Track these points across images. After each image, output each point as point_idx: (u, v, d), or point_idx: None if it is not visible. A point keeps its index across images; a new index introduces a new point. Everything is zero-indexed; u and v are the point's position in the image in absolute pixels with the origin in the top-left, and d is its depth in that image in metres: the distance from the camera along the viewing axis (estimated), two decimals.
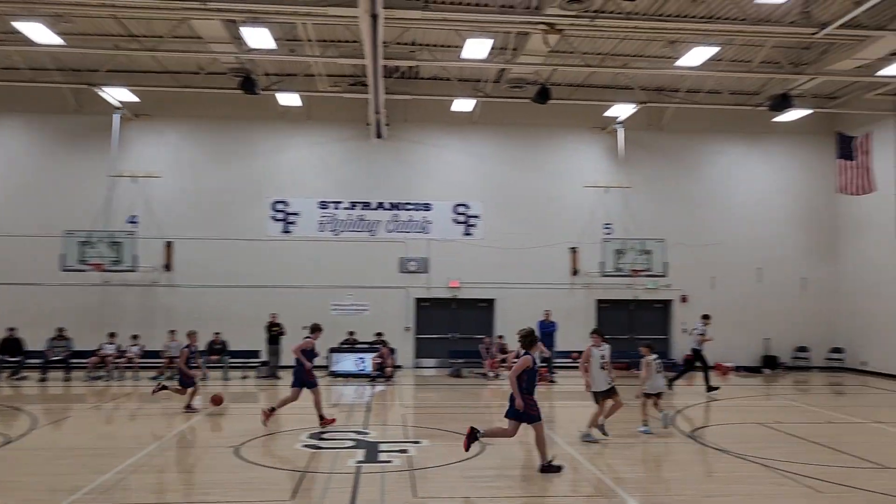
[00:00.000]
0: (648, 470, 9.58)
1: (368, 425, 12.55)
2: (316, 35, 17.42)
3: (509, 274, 22.56)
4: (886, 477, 9.30)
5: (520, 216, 22.83)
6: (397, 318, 22.24)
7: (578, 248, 22.79)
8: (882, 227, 21.17)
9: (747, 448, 10.59)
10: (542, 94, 19.00)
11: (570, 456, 10.12)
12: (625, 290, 22.74)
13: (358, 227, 22.51)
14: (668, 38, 17.21)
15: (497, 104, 21.61)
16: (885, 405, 16.41)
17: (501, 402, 16.23)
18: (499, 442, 10.18)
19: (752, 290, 23.07)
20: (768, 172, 23.70)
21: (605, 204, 22.99)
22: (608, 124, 22.72)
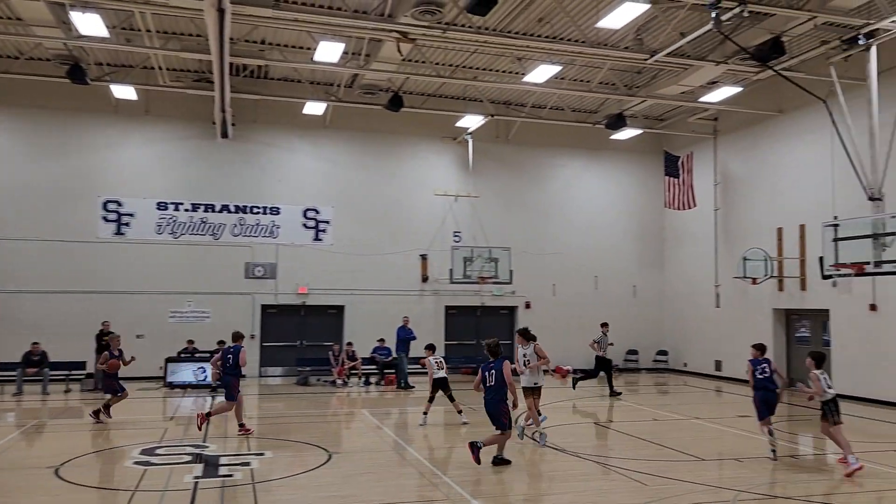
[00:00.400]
0: (492, 472, 9.85)
1: (208, 438, 11.95)
2: (156, 26, 16.44)
3: (359, 280, 22.45)
4: (703, 468, 10.17)
5: (371, 222, 22.80)
6: (242, 326, 21.24)
7: (428, 255, 23.12)
8: (702, 239, 23.25)
9: (582, 447, 11.20)
10: (394, 102, 19.13)
11: (417, 459, 10.20)
12: (472, 297, 23.35)
13: (200, 230, 21.44)
14: (516, 55, 17.93)
15: (349, 109, 21.47)
16: (702, 402, 18.00)
17: (350, 409, 16.12)
18: (371, 449, 10.06)
19: (589, 297, 24.50)
20: (605, 186, 25.31)
21: (455, 212, 23.51)
22: (459, 134, 23.28)
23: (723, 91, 18.82)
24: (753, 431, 13.05)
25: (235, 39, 16.76)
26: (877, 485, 9.29)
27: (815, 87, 15.88)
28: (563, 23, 16.15)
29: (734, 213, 21.95)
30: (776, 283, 19.84)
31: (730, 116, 21.66)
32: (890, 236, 13.23)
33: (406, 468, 9.98)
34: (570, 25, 16.02)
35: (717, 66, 16.53)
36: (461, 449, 11.34)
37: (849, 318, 17.54)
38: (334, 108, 21.55)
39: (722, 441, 12.57)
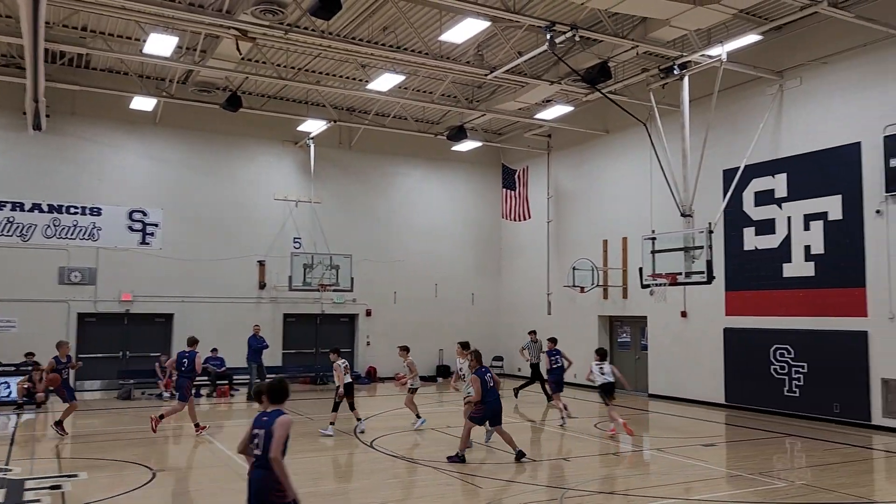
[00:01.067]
0: (335, 481, 9.68)
1: (11, 461, 10.76)
2: None
3: (192, 287, 21.27)
4: (535, 469, 10.62)
5: (205, 226, 21.70)
6: (55, 336, 19.35)
7: (266, 261, 22.40)
8: (536, 250, 24.40)
9: (421, 454, 11.31)
10: (232, 102, 18.39)
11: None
12: (312, 305, 22.92)
13: (6, 230, 19.30)
14: (360, 61, 17.88)
15: (183, 106, 20.34)
16: (536, 406, 18.82)
17: (178, 423, 15.15)
18: (202, 464, 9.42)
19: (429, 304, 24.89)
20: (446, 196, 25.87)
21: (295, 218, 22.97)
22: (300, 139, 22.80)
23: (556, 109, 19.92)
24: (580, 432, 13.85)
25: (52, 23, 15.35)
26: (685, 476, 10.17)
27: (637, 111, 17.22)
28: (407, 33, 16.34)
29: (565, 225, 23.26)
30: (601, 292, 21.25)
31: (562, 133, 22.96)
32: (698, 250, 14.59)
33: (238, 483, 9.54)
34: (413, 37, 16.24)
35: (551, 85, 17.47)
36: (301, 458, 11.03)
37: (664, 324, 19.14)
38: (166, 105, 20.32)
39: (552, 442, 13.22)
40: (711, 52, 15.03)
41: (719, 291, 17.21)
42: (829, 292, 15.14)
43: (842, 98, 15.19)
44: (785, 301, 15.99)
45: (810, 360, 15.32)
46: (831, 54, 15.35)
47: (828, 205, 15.26)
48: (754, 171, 16.73)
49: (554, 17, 14.21)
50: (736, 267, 17.14)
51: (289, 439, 5.47)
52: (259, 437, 5.54)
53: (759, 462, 11.17)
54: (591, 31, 14.32)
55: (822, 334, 15.14)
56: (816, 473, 10.39)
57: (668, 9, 13.00)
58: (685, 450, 11.95)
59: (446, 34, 15.08)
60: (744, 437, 13.60)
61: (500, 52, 16.63)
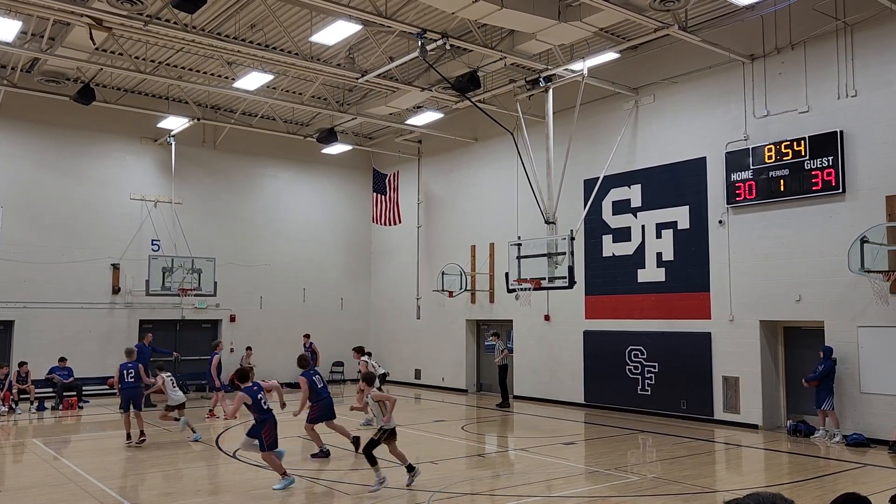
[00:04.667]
0: (191, 497, 9.22)
1: None
2: None
3: (35, 292, 19.61)
4: (403, 473, 10.64)
5: (51, 226, 20.09)
6: None
7: (121, 264, 21.07)
8: (406, 254, 24.52)
9: (286, 462, 11.03)
10: (84, 94, 17.18)
11: (103, 491, 9.16)
12: (172, 310, 21.78)
13: None
14: (226, 58, 17.25)
15: (28, 97, 18.74)
16: (403, 409, 18.83)
17: (18, 439, 13.92)
18: (45, 483, 8.61)
19: (297, 309, 24.36)
20: (315, 199, 25.45)
21: (154, 219, 21.76)
22: (161, 136, 21.64)
23: (426, 116, 20.15)
24: (448, 434, 14.06)
25: None
26: (547, 474, 10.57)
27: (505, 120, 17.76)
28: (276, 32, 15.94)
29: (435, 230, 23.56)
30: (469, 296, 21.69)
31: (432, 140, 23.25)
32: (560, 255, 15.24)
33: (88, 501, 8.90)
34: (283, 36, 15.88)
35: (421, 91, 17.65)
36: (154, 474, 10.46)
37: (529, 327, 19.81)
38: (7, 94, 18.65)
39: (420, 445, 13.31)
40: (574, 67, 15.78)
41: (580, 296, 18.06)
42: (677, 296, 16.28)
43: (689, 115, 16.40)
44: (639, 305, 17.03)
45: (660, 360, 16.40)
46: (680, 74, 16.53)
47: (677, 215, 16.41)
48: (612, 181, 17.70)
49: (425, 25, 14.38)
50: (595, 272, 18.05)
51: None
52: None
53: (615, 458, 11.82)
54: (461, 41, 14.61)
55: (671, 336, 16.26)
56: (666, 466, 11.12)
57: (534, 23, 13.52)
58: (547, 448, 12.43)
59: (317, 35, 14.88)
60: (601, 434, 14.33)
61: (372, 56, 16.62)
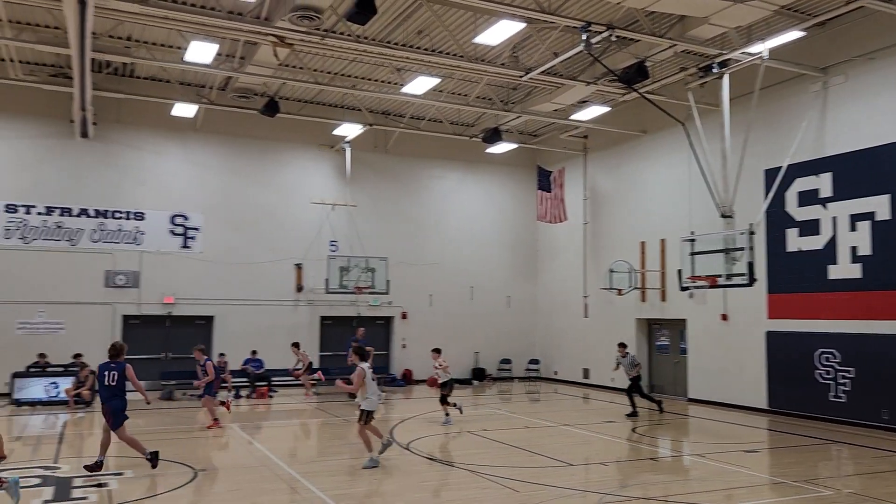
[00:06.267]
0: (366, 483, 9.73)
1: (59, 459, 11.06)
2: (8, 15, 15.17)
3: (231, 290, 21.62)
4: (572, 473, 10.54)
5: (244, 230, 22.05)
6: (100, 337, 19.96)
7: (303, 264, 22.66)
8: (572, 252, 24.22)
9: (457, 456, 11.31)
10: (270, 107, 18.64)
11: (289, 475, 9.91)
12: (349, 307, 23.09)
13: (55, 235, 19.90)
14: (395, 65, 17.98)
15: (222, 113, 20.71)
16: (571, 409, 18.70)
17: (219, 424, 15.42)
18: (240, 465, 9.56)
19: (464, 307, 24.87)
20: (481, 198, 25.85)
21: (332, 221, 23.18)
22: (337, 142, 23.02)
23: (592, 110, 19.75)
24: (619, 436, 13.71)
25: (98, 34, 15.74)
26: (726, 483, 9.98)
27: (675, 111, 16.99)
28: (441, 36, 16.39)
29: (602, 226, 23.05)
30: (639, 294, 20.99)
31: (598, 134, 22.76)
32: (738, 251, 14.33)
33: (277, 484, 9.66)
34: (448, 39, 16.28)
35: (587, 86, 17.34)
36: (338, 460, 11.15)
37: (703, 327, 18.80)
38: (206, 111, 20.71)
39: (589, 446, 13.10)
40: (752, 50, 14.77)
41: (761, 294, 16.86)
42: (877, 295, 14.72)
43: (889, 94, 14.76)
44: (830, 304, 15.59)
45: (857, 365, 14.91)
46: (877, 50, 14.94)
47: (875, 205, 14.83)
48: (797, 170, 16.36)
49: (590, 17, 14.10)
50: (779, 269, 16.77)
51: None
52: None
53: (804, 469, 10.91)
54: (627, 31, 14.17)
55: (869, 338, 14.72)
56: (865, 482, 10.10)
57: (707, 6, 12.80)
58: (726, 455, 11.73)
59: (481, 36, 15.07)
60: (787, 443, 13.29)
61: (536, 53, 16.57)
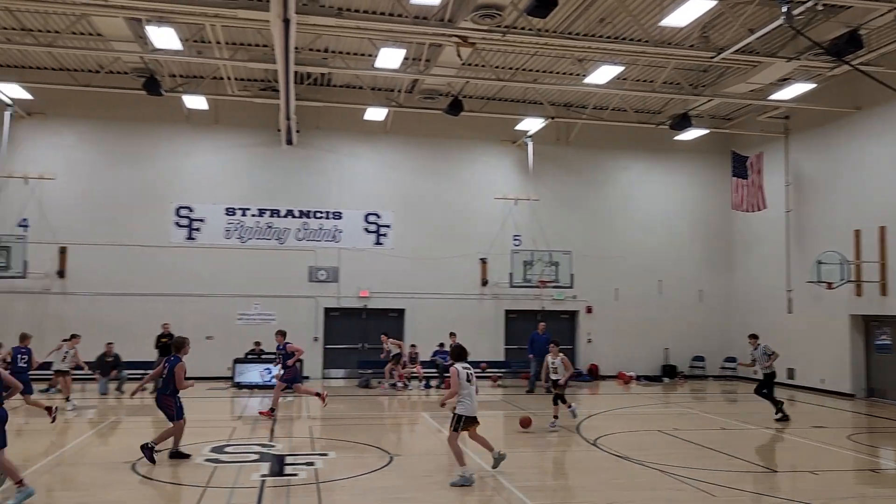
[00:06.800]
0: (554, 478, 9.75)
1: (273, 438, 12.22)
2: (225, 37, 16.96)
3: (420, 284, 22.59)
4: (776, 480, 9.81)
5: (431, 226, 22.92)
6: (306, 328, 21.83)
7: (488, 258, 23.09)
8: (772, 243, 22.46)
9: (647, 455, 10.96)
10: (454, 106, 19.19)
11: (478, 464, 10.18)
12: (532, 301, 23.18)
13: (266, 234, 22.00)
14: (577, 56, 17.75)
15: (410, 114, 21.67)
16: (772, 411, 17.35)
17: (410, 412, 16.23)
18: (432, 452, 10.06)
19: (653, 302, 23.99)
20: (669, 188, 24.77)
21: (515, 216, 23.40)
22: (518, 138, 23.19)
23: (795, 88, 18.16)
24: (830, 443, 12.55)
25: (300, 48, 17.12)
26: None
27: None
28: (625, 22, 15.91)
29: (807, 214, 21.14)
30: (853, 288, 19.00)
31: (802, 114, 20.89)
32: None
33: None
34: (632, 25, 15.77)
35: (788, 62, 15.99)
36: (525, 454, 11.27)
37: None
38: (395, 114, 21.78)
39: (796, 452, 12.11)
40: None
41: None
42: None
43: None
44: None
45: None
46: None
47: None
48: None
49: None
50: None
51: None
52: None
53: None
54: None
55: None
56: None
57: None
58: None
59: (668, 18, 14.41)
60: None
61: (728, 31, 15.57)
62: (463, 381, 9.22)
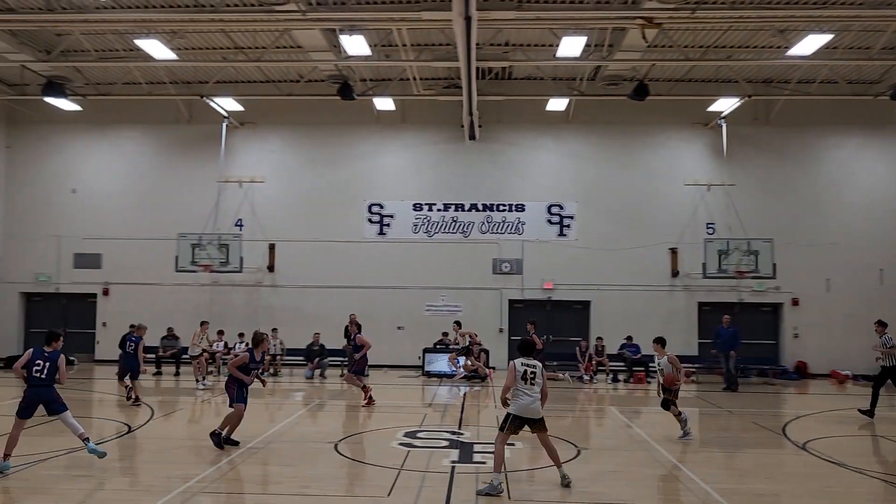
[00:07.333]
0: (758, 481, 9.08)
1: (462, 426, 12.56)
2: (410, 40, 17.65)
3: (605, 275, 22.08)
4: None
5: (616, 216, 22.30)
6: (491, 320, 22.21)
7: (678, 248, 22.02)
8: None
9: (865, 462, 9.89)
10: (639, 91, 18.50)
11: (669, 461, 9.76)
12: (729, 293, 21.77)
13: (451, 228, 22.64)
14: (777, 27, 16.35)
15: (592, 102, 21.22)
16: None
17: (598, 406, 15.93)
18: (620, 447, 9.88)
19: (872, 293, 21.52)
20: (889, 166, 22.09)
21: (707, 203, 22.10)
22: (711, 119, 21.84)
23: None
24: None
25: (481, 44, 17.39)
26: None
27: None
28: None
29: None
30: None
31: None
32: None
33: (657, 469, 9.59)
34: None
35: None
36: (719, 453, 10.64)
37: None
38: (577, 103, 21.44)
39: None
40: None
41: None
42: None
43: None
44: None
45: None
46: None
47: None
48: None
49: None
50: None
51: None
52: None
53: None
54: None
55: None
56: None
57: None
58: None
59: None
60: None
61: None
62: (518, 377, 8.37)
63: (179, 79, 21.52)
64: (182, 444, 10.67)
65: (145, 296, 22.42)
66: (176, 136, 23.35)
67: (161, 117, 23.04)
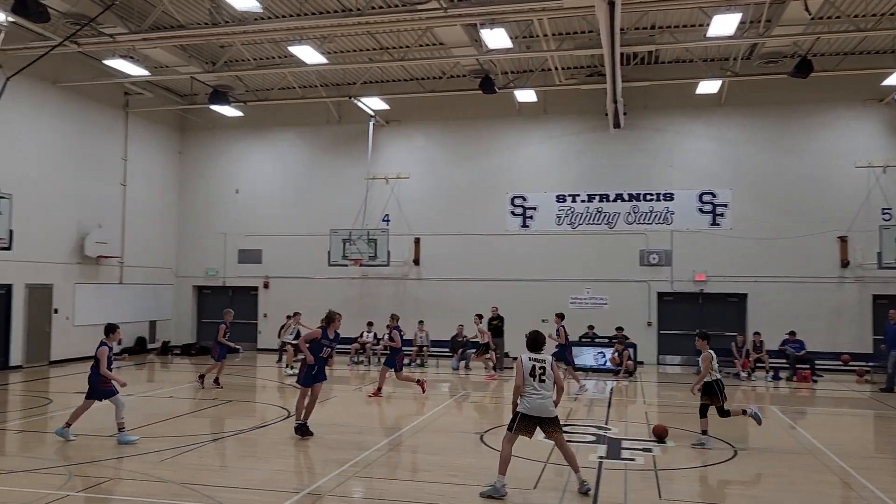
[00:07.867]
0: None
1: (609, 421, 12.28)
2: (551, 29, 17.41)
3: (764, 266, 20.72)
4: None
5: (774, 203, 20.85)
6: (638, 313, 21.53)
7: (848, 236, 20.23)
8: None
9: None
10: (801, 67, 17.14)
11: (842, 468, 9.01)
12: None
13: (596, 219, 22.14)
14: None
15: (746, 83, 19.94)
16: None
17: (756, 405, 14.98)
18: (783, 449, 9.29)
19: None
20: None
21: (883, 185, 20.13)
22: (887, 94, 19.84)
23: None
24: None
25: (625, 29, 16.86)
26: None
27: None
28: None
29: None
30: None
31: None
32: None
33: (827, 475, 8.87)
34: None
35: None
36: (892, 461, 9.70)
37: None
38: (730, 84, 20.24)
39: None
40: None
41: None
42: None
43: None
44: None
45: None
46: None
47: None
48: None
49: None
50: None
51: None
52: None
53: None
54: None
55: None
56: None
57: None
58: None
59: None
60: None
61: None
62: (527, 374, 7.80)
63: (329, 81, 22.61)
64: (337, 430, 11.22)
65: (301, 289, 23.81)
66: (327, 136, 24.56)
67: (313, 119, 24.33)
